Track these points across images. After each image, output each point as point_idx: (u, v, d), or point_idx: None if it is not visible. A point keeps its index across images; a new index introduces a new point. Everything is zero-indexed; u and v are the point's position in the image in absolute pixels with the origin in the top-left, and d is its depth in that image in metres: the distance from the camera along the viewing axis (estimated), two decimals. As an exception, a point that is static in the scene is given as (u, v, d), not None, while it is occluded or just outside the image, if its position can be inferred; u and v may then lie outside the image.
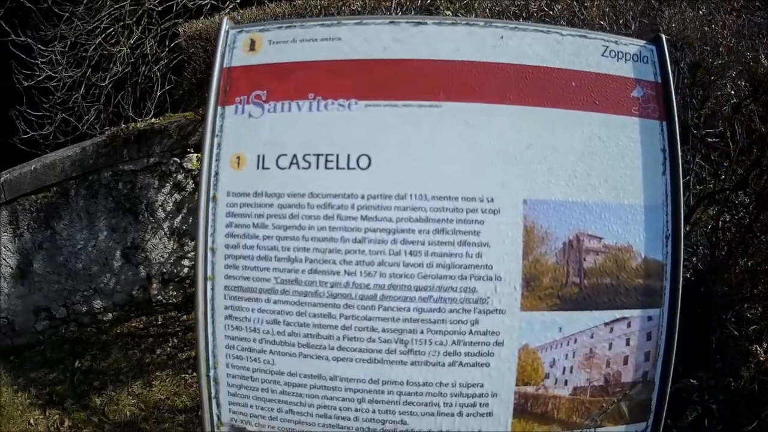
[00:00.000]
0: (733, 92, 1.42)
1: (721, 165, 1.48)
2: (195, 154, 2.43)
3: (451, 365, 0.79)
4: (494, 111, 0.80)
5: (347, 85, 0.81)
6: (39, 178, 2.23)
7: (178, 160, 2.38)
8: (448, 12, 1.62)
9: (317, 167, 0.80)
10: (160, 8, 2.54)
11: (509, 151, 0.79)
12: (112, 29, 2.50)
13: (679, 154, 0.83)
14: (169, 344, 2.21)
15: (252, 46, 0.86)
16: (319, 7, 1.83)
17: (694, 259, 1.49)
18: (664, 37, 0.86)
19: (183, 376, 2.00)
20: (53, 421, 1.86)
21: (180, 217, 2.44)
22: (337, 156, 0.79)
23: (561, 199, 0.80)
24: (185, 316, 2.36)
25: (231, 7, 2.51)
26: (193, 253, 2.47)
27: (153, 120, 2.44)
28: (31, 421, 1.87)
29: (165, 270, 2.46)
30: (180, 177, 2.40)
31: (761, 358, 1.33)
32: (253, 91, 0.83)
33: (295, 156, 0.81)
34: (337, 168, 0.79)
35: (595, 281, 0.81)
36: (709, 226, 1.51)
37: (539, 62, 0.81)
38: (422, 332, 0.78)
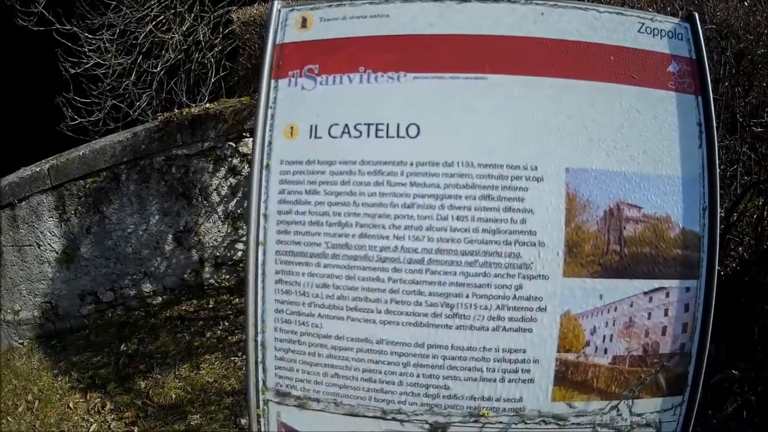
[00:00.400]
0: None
1: (767, 155, 1.47)
2: (251, 138, 2.38)
3: (495, 330, 0.81)
4: (536, 83, 0.83)
5: (395, 59, 0.85)
6: (88, 162, 2.23)
7: (234, 145, 2.34)
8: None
9: (368, 136, 0.83)
10: None
11: (551, 122, 0.82)
12: (162, 17, 2.48)
13: (715, 128, 0.85)
14: (220, 327, 2.17)
15: (304, 23, 0.90)
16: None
17: (740, 248, 1.48)
18: (696, 14, 0.89)
19: (232, 359, 1.96)
20: (94, 404, 1.85)
21: (235, 201, 2.40)
22: (387, 125, 0.83)
23: (601, 168, 0.82)
24: (237, 300, 2.33)
25: None
26: None
27: (208, 105, 2.41)
28: (71, 404, 1.86)
29: (218, 254, 2.42)
30: (235, 161, 2.36)
31: None
32: (305, 65, 0.88)
33: (346, 125, 0.84)
34: (387, 137, 0.83)
35: (634, 250, 0.83)
36: (755, 216, 1.48)
37: (578, 37, 0.85)
38: (467, 296, 0.81)
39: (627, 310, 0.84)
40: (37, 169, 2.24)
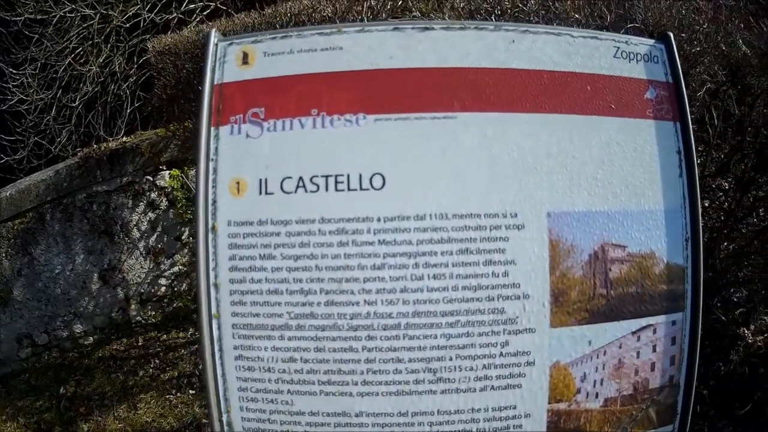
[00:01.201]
0: (709, 78, 1.44)
1: (698, 152, 1.50)
2: (167, 171, 2.37)
3: (483, 390, 0.75)
4: (511, 120, 0.76)
5: (353, 98, 0.75)
6: (15, 204, 2.16)
7: (151, 178, 2.32)
8: (417, 13, 1.58)
9: (326, 189, 0.73)
10: (127, 25, 2.48)
11: (529, 162, 0.76)
12: (81, 48, 2.44)
13: (695, 155, 0.82)
14: (151, 365, 2.17)
15: (245, 59, 0.78)
16: (289, 14, 1.77)
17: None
18: (671, 35, 0.84)
19: (167, 397, 1.97)
20: None
21: (155, 235, 2.39)
22: (348, 176, 0.73)
23: (584, 210, 0.77)
24: (165, 336, 2.34)
25: (198, 20, 2.41)
26: (169, 272, 2.41)
27: (124, 138, 2.39)
28: None
29: (143, 290, 2.41)
30: (153, 195, 2.34)
31: (749, 341, 1.36)
32: (249, 109, 0.76)
33: (301, 178, 0.74)
34: (349, 189, 0.73)
35: (621, 291, 0.79)
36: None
37: (553, 66, 0.78)
38: (451, 359, 0.74)
39: (616, 352, 0.80)
40: (-32, 212, 2.07)
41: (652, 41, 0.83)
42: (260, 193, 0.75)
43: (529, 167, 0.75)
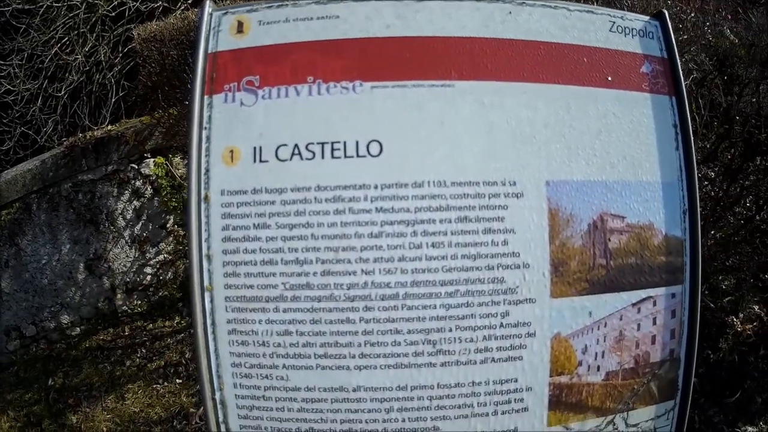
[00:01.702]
0: (696, 67, 1.46)
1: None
2: (152, 159, 2.36)
3: (483, 362, 0.73)
4: (508, 89, 0.75)
5: (350, 65, 0.74)
6: (1, 194, 2.14)
7: (136, 166, 2.31)
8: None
9: (323, 157, 0.72)
10: (113, 14, 2.47)
11: (527, 131, 0.75)
12: (67, 38, 2.42)
13: (690, 129, 0.82)
14: (138, 355, 2.15)
15: (240, 28, 0.77)
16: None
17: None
18: (666, 12, 0.85)
19: (154, 386, 1.95)
20: None
21: (140, 224, 2.37)
22: (345, 143, 0.72)
23: (582, 179, 0.76)
24: (151, 325, 2.32)
25: (183, 8, 2.41)
26: (154, 260, 2.39)
27: (109, 127, 2.38)
28: None
29: (128, 279, 2.38)
30: (138, 183, 2.32)
31: (738, 329, 1.37)
32: (243, 77, 0.75)
33: (296, 146, 0.72)
34: (345, 156, 0.72)
35: (620, 261, 0.78)
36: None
37: (550, 38, 0.78)
38: (450, 330, 0.72)
39: (617, 324, 0.79)
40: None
41: (647, 17, 0.84)
42: (254, 162, 0.73)
43: (527, 136, 0.75)
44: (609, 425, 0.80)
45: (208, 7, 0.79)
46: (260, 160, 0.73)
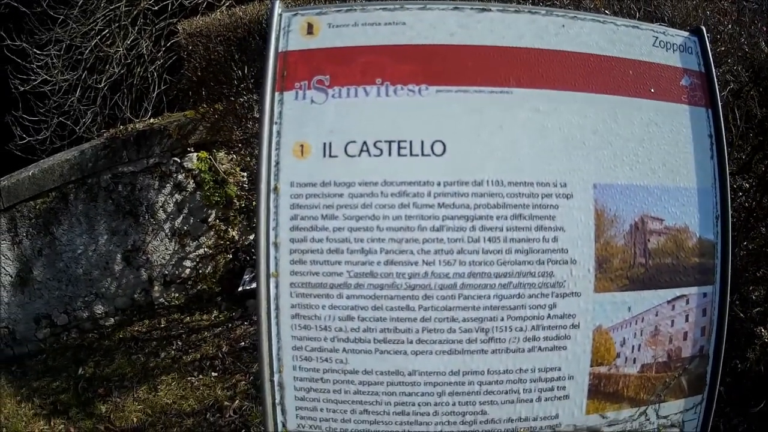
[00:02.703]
0: (732, 78, 1.48)
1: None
2: (195, 153, 2.36)
3: (531, 351, 0.78)
4: (562, 97, 0.81)
5: (416, 70, 0.79)
6: (37, 183, 2.13)
7: (179, 160, 2.31)
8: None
9: (390, 154, 0.77)
10: (156, 8, 2.48)
11: (577, 137, 0.81)
12: (107, 30, 2.42)
13: (724, 139, 0.88)
14: (173, 347, 2.14)
15: (309, 29, 0.82)
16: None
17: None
18: (704, 28, 0.91)
19: (189, 378, 1.94)
20: (58, 430, 1.76)
21: (181, 217, 2.38)
22: (411, 142, 0.77)
23: (626, 183, 0.82)
24: (188, 318, 2.31)
25: (227, 4, 2.44)
26: (194, 254, 2.40)
27: (152, 120, 2.37)
28: (36, 431, 1.75)
29: (167, 272, 2.38)
30: (180, 177, 2.32)
31: (766, 340, 1.40)
32: (314, 76, 0.79)
33: (365, 143, 0.77)
34: (411, 155, 0.77)
35: (658, 261, 0.84)
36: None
37: (599, 51, 0.84)
38: (502, 319, 0.77)
39: (653, 319, 0.85)
40: (-10, 191, 2.05)
41: (686, 33, 0.90)
42: (324, 156, 0.78)
43: (578, 142, 0.80)
44: (641, 416, 0.86)
45: (278, 8, 0.83)
46: (330, 155, 0.77)
